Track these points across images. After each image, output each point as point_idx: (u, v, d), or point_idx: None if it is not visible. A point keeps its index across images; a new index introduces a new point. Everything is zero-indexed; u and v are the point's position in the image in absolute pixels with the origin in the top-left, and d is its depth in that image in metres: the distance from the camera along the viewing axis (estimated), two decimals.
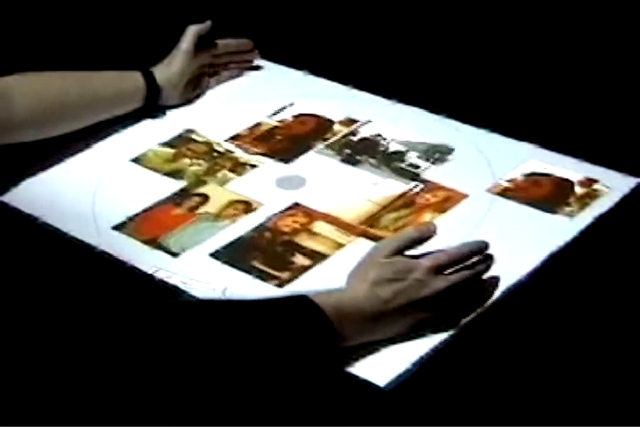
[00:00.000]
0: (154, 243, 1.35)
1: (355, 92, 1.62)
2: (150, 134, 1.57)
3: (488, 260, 1.19)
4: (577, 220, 1.33)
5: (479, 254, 1.19)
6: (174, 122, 1.60)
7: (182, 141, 1.55)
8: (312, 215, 1.37)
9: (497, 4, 1.76)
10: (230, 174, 1.47)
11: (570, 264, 1.26)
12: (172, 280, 1.27)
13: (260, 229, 1.36)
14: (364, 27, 1.79)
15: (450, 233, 1.29)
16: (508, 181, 1.41)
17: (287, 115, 1.58)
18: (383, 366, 1.13)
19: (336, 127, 1.54)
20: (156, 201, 1.43)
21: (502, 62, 1.66)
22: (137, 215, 1.40)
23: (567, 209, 1.35)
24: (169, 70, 1.59)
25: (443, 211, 1.35)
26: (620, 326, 1.20)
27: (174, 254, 1.33)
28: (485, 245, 1.19)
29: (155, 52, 1.64)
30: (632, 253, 1.28)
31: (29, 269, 1.25)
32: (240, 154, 1.51)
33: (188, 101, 1.64)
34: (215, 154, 1.52)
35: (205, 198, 1.43)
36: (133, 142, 1.56)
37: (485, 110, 1.54)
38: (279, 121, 1.57)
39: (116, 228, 1.38)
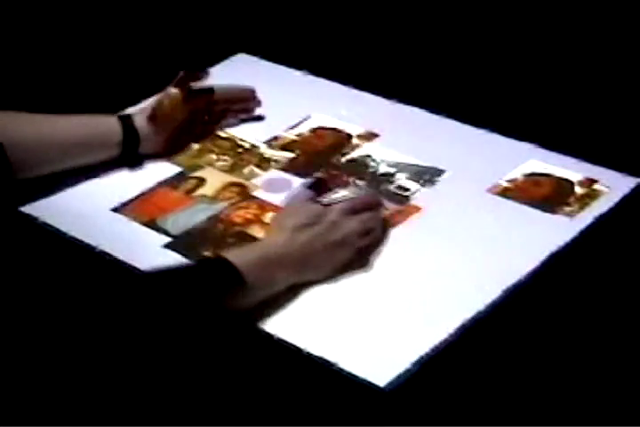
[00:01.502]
0: (152, 224, 1.37)
1: (355, 92, 1.63)
2: None
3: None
4: (577, 220, 1.33)
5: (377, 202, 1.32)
6: None
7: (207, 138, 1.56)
8: (265, 207, 1.38)
9: (497, 3, 1.76)
10: (256, 170, 1.48)
11: (570, 264, 1.26)
12: None
13: (213, 220, 1.37)
14: (363, 27, 1.79)
15: (448, 233, 1.30)
16: (508, 181, 1.41)
17: (305, 128, 1.56)
18: (383, 366, 1.13)
19: (355, 141, 1.53)
20: (154, 184, 1.45)
21: (502, 62, 1.66)
22: (135, 198, 1.42)
23: (567, 209, 1.35)
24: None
25: (393, 225, 1.34)
26: (621, 325, 1.20)
27: (172, 236, 1.35)
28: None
29: (154, 53, 1.64)
30: (632, 253, 1.28)
31: (28, 269, 1.25)
32: (264, 149, 1.52)
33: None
34: (240, 150, 1.53)
35: (201, 181, 1.45)
36: None
37: (485, 110, 1.54)
38: (297, 135, 1.55)
39: (115, 210, 1.40)
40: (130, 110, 1.54)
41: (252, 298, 1.18)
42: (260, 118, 1.59)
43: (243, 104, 1.58)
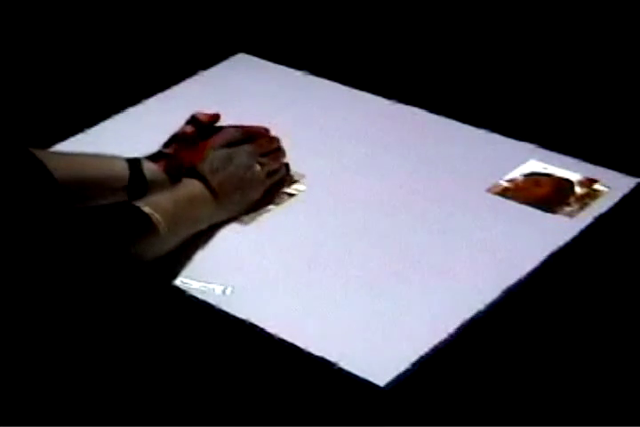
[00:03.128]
0: None
1: (355, 92, 1.63)
2: None
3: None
4: (577, 220, 1.33)
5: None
6: None
7: None
8: None
9: (497, 4, 1.76)
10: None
11: (570, 264, 1.26)
12: (173, 281, 1.28)
13: None
14: (363, 27, 1.79)
15: (448, 233, 1.30)
16: (507, 181, 1.41)
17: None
18: (383, 366, 1.13)
19: None
20: None
21: (502, 62, 1.66)
22: None
23: (567, 209, 1.35)
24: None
25: None
26: (620, 325, 1.20)
27: None
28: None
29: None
30: (632, 253, 1.28)
31: None
32: None
33: None
34: None
35: None
36: None
37: (485, 110, 1.54)
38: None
39: None
40: (130, 110, 1.52)
41: (171, 239, 1.27)
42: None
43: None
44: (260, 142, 1.42)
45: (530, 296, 1.22)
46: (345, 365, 1.13)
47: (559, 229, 1.31)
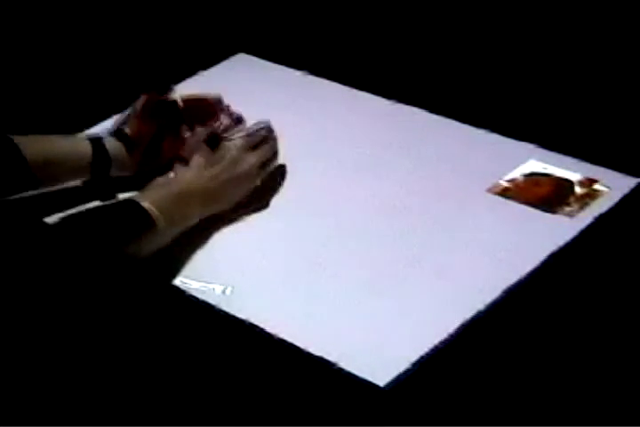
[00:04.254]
0: None
1: (355, 92, 1.63)
2: None
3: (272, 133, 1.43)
4: (577, 220, 1.33)
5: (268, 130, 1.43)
6: None
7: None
8: None
9: (497, 4, 1.76)
10: None
11: (570, 264, 1.26)
12: (173, 280, 1.28)
13: None
14: (363, 27, 1.79)
15: (448, 233, 1.30)
16: (508, 181, 1.41)
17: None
18: (383, 366, 1.13)
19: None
20: None
21: (502, 63, 1.66)
22: None
23: (567, 209, 1.35)
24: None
25: None
26: (620, 325, 1.20)
27: None
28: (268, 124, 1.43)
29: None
30: (632, 253, 1.28)
31: None
32: None
33: None
34: None
35: None
36: None
37: (485, 110, 1.54)
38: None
39: None
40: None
41: (167, 235, 1.27)
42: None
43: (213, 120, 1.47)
44: (251, 134, 1.41)
45: (530, 296, 1.22)
46: (345, 365, 1.13)
47: (559, 229, 1.31)
